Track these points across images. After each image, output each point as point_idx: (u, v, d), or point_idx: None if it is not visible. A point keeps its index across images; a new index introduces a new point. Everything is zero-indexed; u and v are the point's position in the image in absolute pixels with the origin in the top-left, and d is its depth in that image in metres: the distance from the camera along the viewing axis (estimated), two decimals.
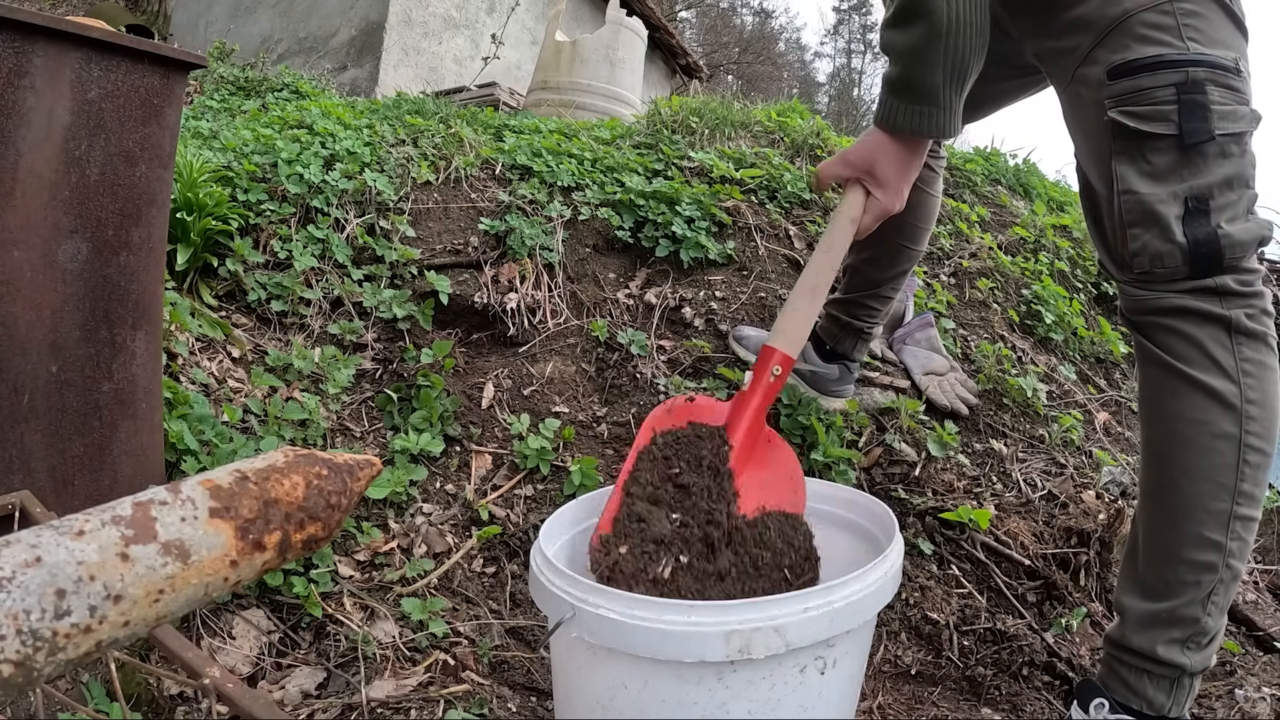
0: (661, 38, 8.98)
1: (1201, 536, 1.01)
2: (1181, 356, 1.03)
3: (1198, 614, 1.01)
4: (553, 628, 0.85)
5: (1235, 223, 0.99)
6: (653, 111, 2.81)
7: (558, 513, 1.08)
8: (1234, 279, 1.00)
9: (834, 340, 1.70)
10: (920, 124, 1.11)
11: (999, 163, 3.16)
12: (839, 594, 0.84)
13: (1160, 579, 1.04)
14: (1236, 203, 1.00)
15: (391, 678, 1.11)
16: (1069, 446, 1.87)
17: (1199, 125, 0.97)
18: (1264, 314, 1.02)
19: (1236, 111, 0.99)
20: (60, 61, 0.95)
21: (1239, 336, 1.01)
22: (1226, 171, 0.99)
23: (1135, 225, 1.03)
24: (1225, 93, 0.98)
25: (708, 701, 0.82)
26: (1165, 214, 1.00)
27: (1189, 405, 1.02)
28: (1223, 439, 1.00)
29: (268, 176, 1.91)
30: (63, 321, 1.01)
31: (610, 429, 1.68)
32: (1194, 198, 0.99)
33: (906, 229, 1.59)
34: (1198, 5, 1.00)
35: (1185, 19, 0.99)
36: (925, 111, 1.10)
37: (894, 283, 1.65)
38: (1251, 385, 1.00)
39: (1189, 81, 0.98)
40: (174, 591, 0.43)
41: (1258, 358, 1.01)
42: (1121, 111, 1.01)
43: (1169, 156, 1.00)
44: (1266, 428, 1.00)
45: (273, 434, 1.38)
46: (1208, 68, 0.98)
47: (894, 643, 1.36)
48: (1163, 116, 0.99)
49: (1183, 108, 0.98)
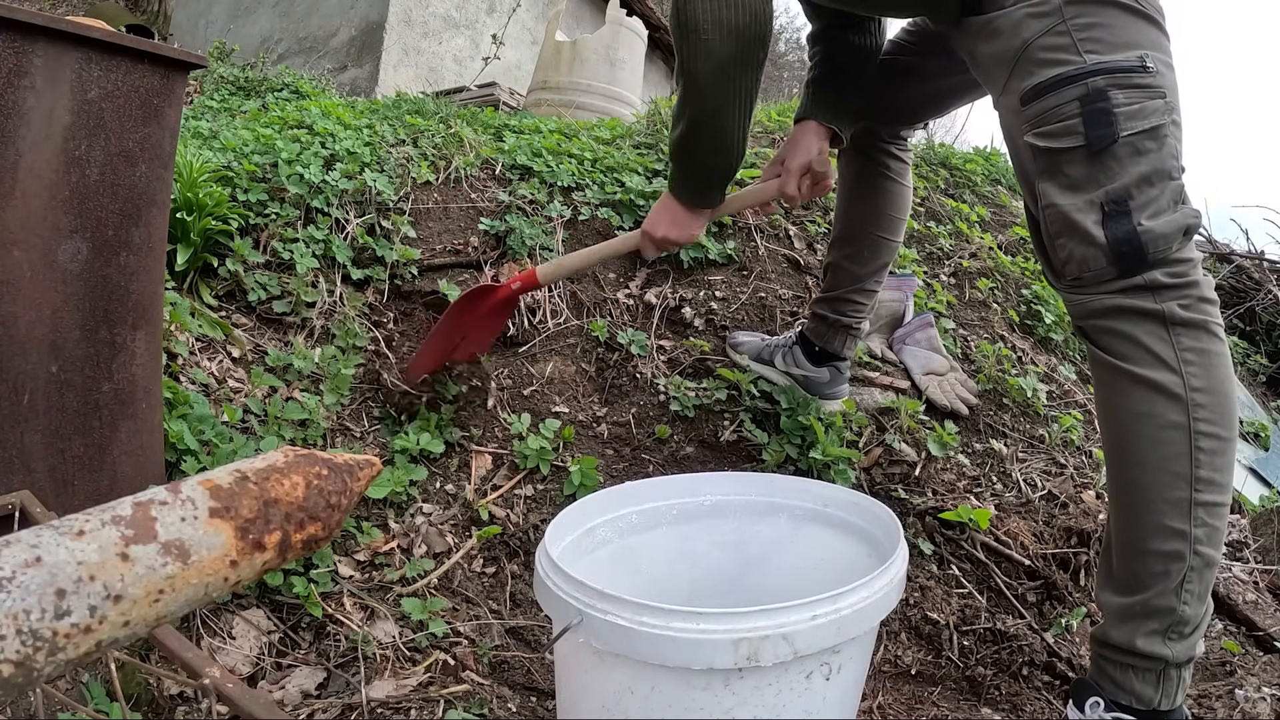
0: (661, 38, 8.97)
1: (1164, 526, 1.02)
2: (1122, 355, 1.05)
3: (1172, 603, 1.02)
4: (559, 633, 0.85)
5: (1157, 217, 1.01)
6: (653, 111, 2.81)
7: (561, 514, 1.08)
8: (1163, 272, 1.02)
9: (823, 340, 1.70)
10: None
11: (999, 163, 3.16)
12: (846, 601, 0.84)
13: (1131, 572, 1.05)
14: (1158, 197, 1.02)
15: (391, 678, 1.11)
16: (1069, 446, 1.87)
17: (1103, 131, 1.01)
18: (1202, 301, 1.04)
19: (1145, 108, 1.01)
20: (60, 61, 0.95)
21: (1176, 327, 1.03)
22: (1142, 169, 1.02)
23: (1060, 235, 1.07)
24: (1131, 93, 1.01)
25: (714, 707, 0.82)
26: (1083, 221, 1.04)
27: (1135, 400, 1.04)
28: (1171, 429, 1.02)
29: (268, 176, 1.91)
30: (63, 321, 1.01)
31: (610, 429, 1.68)
32: (1111, 200, 1.02)
33: (884, 220, 1.61)
34: (1093, 16, 1.03)
35: (1080, 33, 1.03)
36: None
37: (877, 276, 1.66)
38: (1195, 374, 1.02)
39: (1090, 92, 1.02)
40: (174, 591, 0.43)
41: (1198, 345, 1.03)
42: (1035, 134, 1.07)
43: (1081, 167, 1.04)
44: (1218, 413, 1.02)
45: (273, 434, 1.38)
46: (1107, 74, 1.01)
47: (894, 643, 1.36)
48: (1070, 130, 1.03)
49: (1086, 118, 1.02)
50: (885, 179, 1.59)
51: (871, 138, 1.57)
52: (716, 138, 1.28)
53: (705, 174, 1.37)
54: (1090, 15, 1.03)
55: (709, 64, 1.20)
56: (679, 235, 1.43)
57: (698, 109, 1.26)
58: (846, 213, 1.64)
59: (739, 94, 1.23)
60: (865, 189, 1.61)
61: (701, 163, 1.34)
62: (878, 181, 1.60)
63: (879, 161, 1.59)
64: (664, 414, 1.72)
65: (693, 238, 1.44)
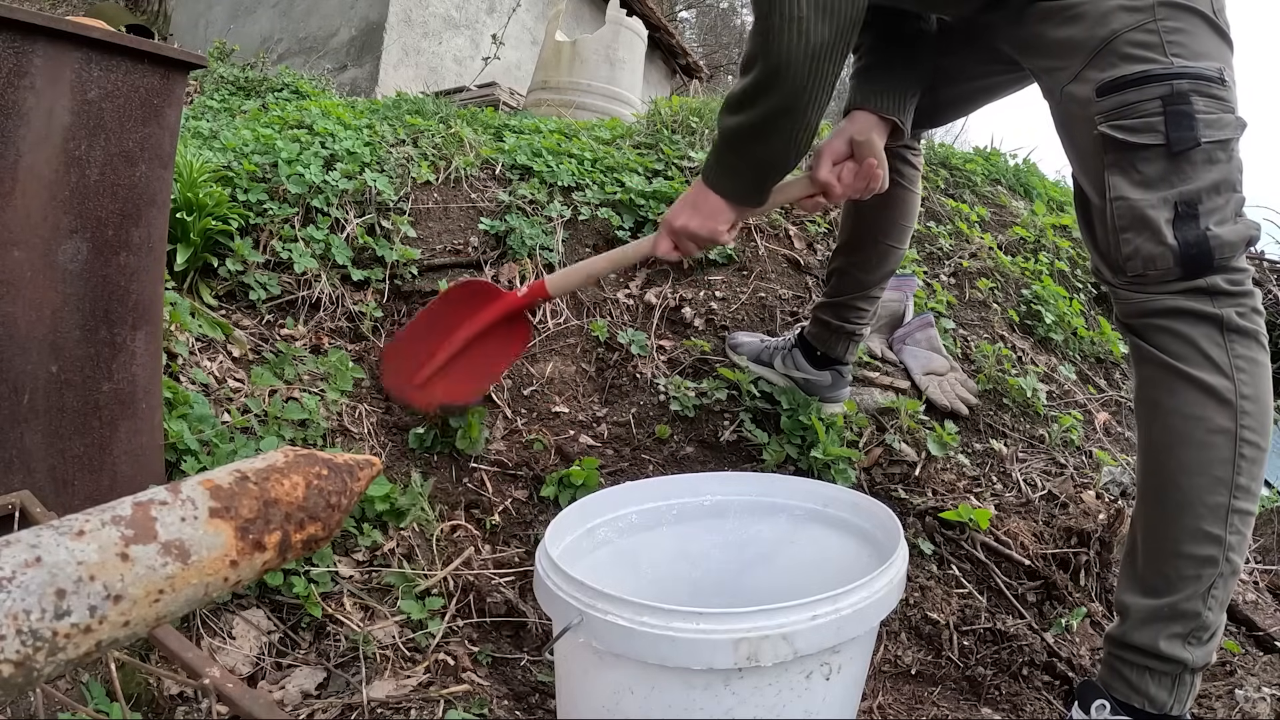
0: (661, 38, 8.97)
1: (1201, 530, 1.02)
2: (1177, 355, 1.05)
3: (1199, 608, 1.02)
4: (559, 632, 0.85)
5: (1224, 225, 1.02)
6: (653, 111, 2.81)
7: (561, 514, 1.08)
8: (1224, 279, 1.03)
9: (825, 345, 1.69)
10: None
11: (999, 163, 3.16)
12: (846, 601, 0.84)
13: (1161, 575, 1.05)
14: (1224, 206, 1.03)
15: (391, 678, 1.11)
16: (1069, 446, 1.87)
17: (1185, 134, 1.01)
18: (1254, 312, 1.05)
19: (1222, 119, 1.02)
20: (60, 61, 0.95)
21: (1231, 334, 1.03)
22: (1214, 177, 1.02)
23: (1128, 230, 1.06)
24: (1210, 102, 1.02)
25: (714, 707, 0.82)
26: (1156, 218, 1.03)
27: (1186, 401, 1.04)
28: (1219, 433, 1.02)
29: (268, 176, 1.91)
30: (63, 321, 1.01)
31: (610, 429, 1.68)
32: (1183, 202, 1.02)
33: (893, 228, 1.59)
34: (1181, 21, 1.03)
35: (1169, 35, 1.03)
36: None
37: (882, 283, 1.65)
38: (1245, 381, 1.03)
39: (1174, 94, 1.01)
40: (174, 591, 0.43)
41: (1249, 354, 1.04)
42: (1111, 125, 1.05)
43: (1158, 165, 1.04)
44: (1260, 422, 1.03)
45: (273, 434, 1.38)
46: (1192, 79, 1.01)
47: (894, 643, 1.36)
48: (1150, 128, 1.03)
49: (1169, 118, 1.02)
50: (896, 186, 1.54)
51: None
52: (793, 131, 1.17)
53: (765, 170, 1.25)
54: (1179, 20, 1.03)
55: (802, 50, 1.08)
56: (699, 227, 1.28)
57: (781, 99, 1.14)
58: (855, 219, 1.61)
59: (826, 84, 1.13)
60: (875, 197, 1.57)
61: (763, 157, 1.22)
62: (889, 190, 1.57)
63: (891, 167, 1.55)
64: (664, 414, 1.72)
65: (715, 235, 1.29)
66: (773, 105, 1.15)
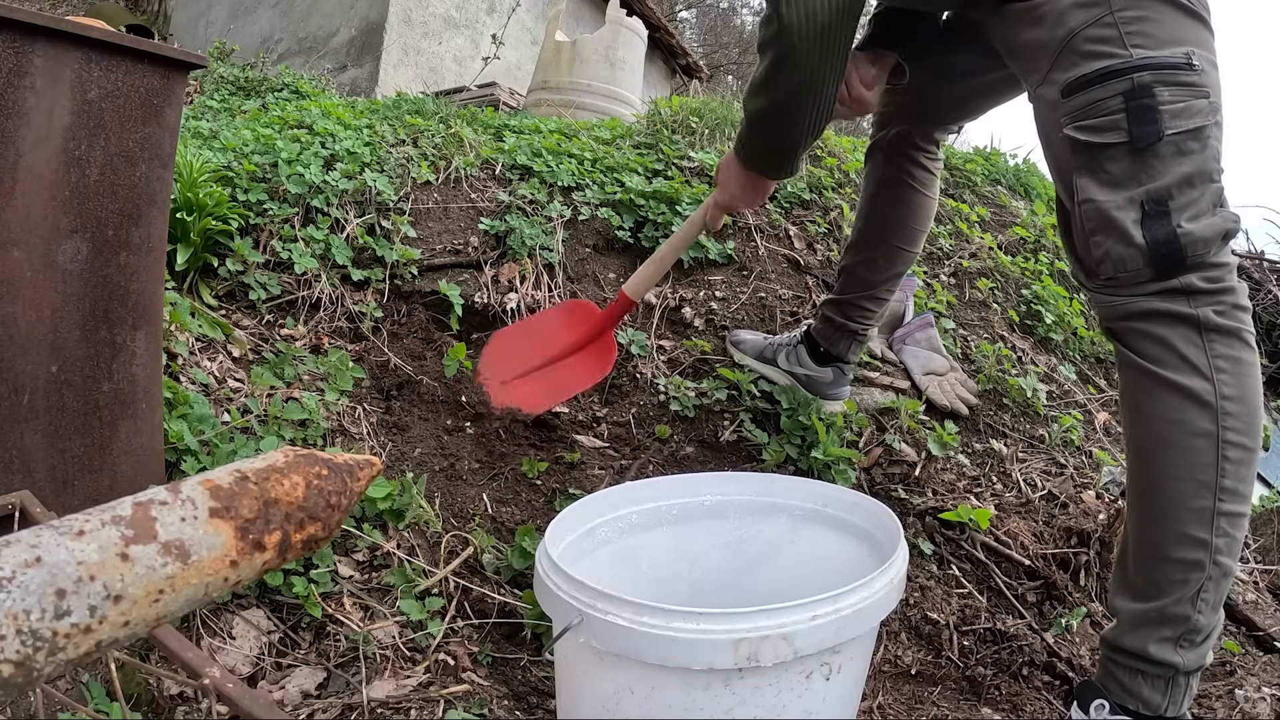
0: (661, 38, 8.97)
1: (1185, 535, 1.01)
2: (1154, 359, 1.03)
3: (1187, 612, 1.01)
4: (559, 633, 0.85)
5: (1197, 220, 0.99)
6: (653, 111, 2.81)
7: (561, 514, 1.08)
8: (1200, 277, 1.00)
9: (828, 343, 1.69)
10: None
11: (999, 163, 3.16)
12: (846, 601, 0.84)
13: (1148, 579, 1.04)
14: (1198, 200, 1.00)
15: (391, 678, 1.11)
16: (1069, 446, 1.87)
17: (1148, 128, 0.99)
18: (1236, 309, 1.02)
19: (1190, 107, 0.99)
20: (60, 61, 0.95)
21: (1210, 334, 1.01)
22: (1185, 170, 0.99)
23: (1096, 233, 1.04)
24: (1177, 90, 0.99)
25: (714, 707, 0.82)
26: (1122, 219, 1.01)
27: (1165, 406, 1.02)
28: (1200, 437, 1.00)
29: (268, 176, 1.91)
30: (63, 321, 1.01)
31: (610, 429, 1.68)
32: (1151, 200, 1.00)
33: (904, 231, 1.58)
34: (1140, 9, 1.01)
35: (1127, 26, 1.00)
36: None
37: (889, 284, 1.65)
38: (1226, 381, 1.00)
39: (1135, 87, 0.99)
40: (174, 591, 0.43)
41: (1231, 353, 1.01)
42: (1076, 127, 1.04)
43: (1123, 163, 1.01)
44: (1246, 423, 1.00)
45: (273, 434, 1.38)
46: (1154, 69, 0.99)
47: (894, 643, 1.36)
48: (1113, 125, 1.01)
49: (1131, 114, 0.99)
50: (910, 189, 1.56)
51: (904, 144, 1.54)
52: (813, 105, 1.19)
53: (794, 144, 1.28)
54: (1138, 9, 1.00)
55: (810, 27, 1.10)
56: (750, 202, 1.43)
57: (798, 78, 1.16)
58: (867, 219, 1.61)
59: (838, 57, 1.15)
60: (889, 198, 1.57)
61: (789, 133, 1.25)
62: (903, 192, 1.56)
63: (906, 171, 1.55)
64: (664, 414, 1.72)
65: (760, 201, 1.45)
66: (791, 85, 1.17)
